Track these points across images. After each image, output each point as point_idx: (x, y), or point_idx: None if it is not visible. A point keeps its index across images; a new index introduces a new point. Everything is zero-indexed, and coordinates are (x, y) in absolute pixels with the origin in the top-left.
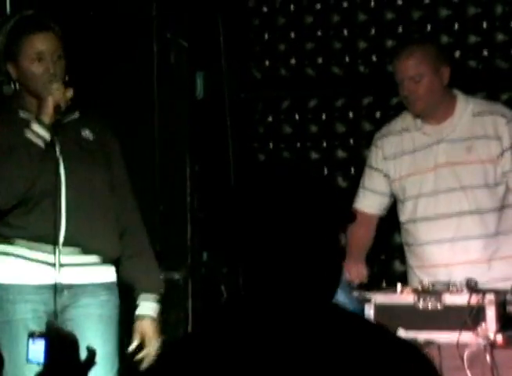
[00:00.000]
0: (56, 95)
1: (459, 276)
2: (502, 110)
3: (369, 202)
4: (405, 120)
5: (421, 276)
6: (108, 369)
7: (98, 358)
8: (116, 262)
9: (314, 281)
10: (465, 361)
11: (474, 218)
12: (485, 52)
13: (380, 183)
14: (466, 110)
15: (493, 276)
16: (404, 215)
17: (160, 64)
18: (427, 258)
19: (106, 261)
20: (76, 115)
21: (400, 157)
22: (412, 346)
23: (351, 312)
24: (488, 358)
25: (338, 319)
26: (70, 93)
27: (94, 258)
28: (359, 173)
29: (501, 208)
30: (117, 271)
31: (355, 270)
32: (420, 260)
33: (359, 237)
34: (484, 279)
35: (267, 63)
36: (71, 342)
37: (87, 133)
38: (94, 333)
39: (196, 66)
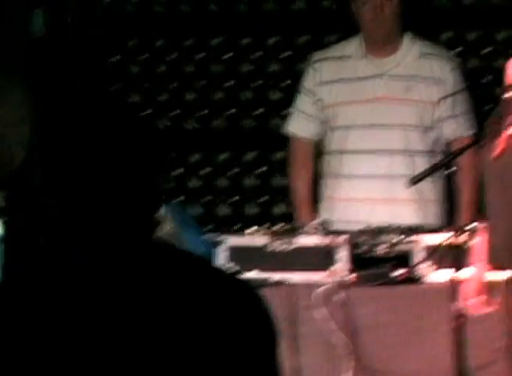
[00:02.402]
0: None
1: (381, 213)
2: (450, 56)
3: (302, 125)
4: (349, 46)
5: (340, 208)
6: None
7: None
8: None
9: (133, 218)
10: (318, 299)
11: (404, 158)
12: None
13: (311, 107)
14: (411, 49)
15: (416, 217)
16: (331, 144)
17: None
18: (348, 192)
19: None
20: None
21: (337, 83)
22: (244, 285)
23: (178, 250)
24: (339, 297)
25: (162, 257)
26: None
27: None
28: None
29: (431, 153)
30: None
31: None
32: (339, 193)
33: (301, 175)
34: (408, 219)
35: None
36: None
37: None
38: None
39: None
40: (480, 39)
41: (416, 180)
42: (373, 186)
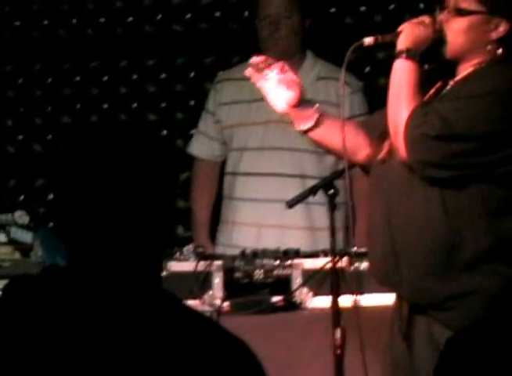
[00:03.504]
0: None
1: (269, 238)
2: (349, 79)
3: (204, 146)
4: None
5: (232, 232)
6: None
7: None
8: None
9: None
10: None
11: (297, 183)
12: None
13: (212, 128)
14: (311, 71)
15: (306, 245)
16: (227, 166)
17: None
18: (239, 216)
19: None
20: None
21: (235, 104)
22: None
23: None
24: None
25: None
26: None
27: None
28: None
29: None
30: None
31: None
32: (232, 215)
33: (202, 196)
34: (298, 246)
35: None
36: None
37: None
38: None
39: None
40: (387, 58)
41: (291, 203)
42: (263, 211)
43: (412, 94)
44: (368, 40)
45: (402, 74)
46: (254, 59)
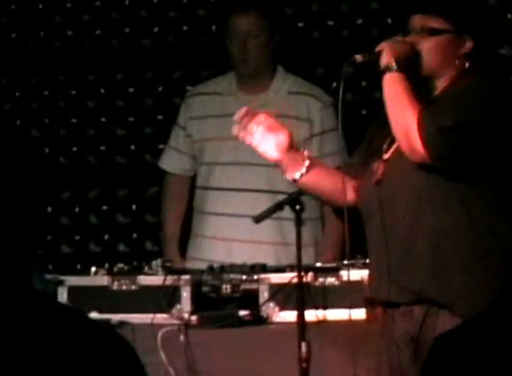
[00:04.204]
0: None
1: (239, 253)
2: (320, 94)
3: (174, 161)
4: (221, 83)
5: (202, 246)
6: None
7: None
8: None
9: (6, 261)
10: (158, 342)
11: (268, 198)
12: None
13: (183, 142)
14: (283, 86)
15: (277, 260)
16: (198, 180)
17: None
18: (210, 230)
19: None
20: None
21: (205, 119)
22: (105, 327)
23: (44, 295)
24: (182, 339)
25: (30, 301)
26: None
27: None
28: None
29: None
30: None
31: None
32: (203, 230)
33: (172, 211)
34: (269, 262)
35: None
36: None
37: None
38: None
39: None
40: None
41: (258, 219)
42: (234, 226)
43: (412, 99)
44: (358, 57)
45: (396, 85)
46: (237, 116)
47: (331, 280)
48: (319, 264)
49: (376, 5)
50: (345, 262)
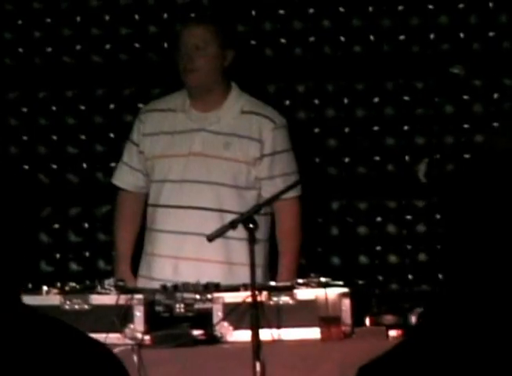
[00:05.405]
0: None
1: (185, 271)
2: (273, 115)
3: (127, 178)
4: (175, 100)
5: (151, 264)
6: None
7: None
8: None
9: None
10: None
11: (214, 217)
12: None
13: (136, 159)
14: (236, 105)
15: (224, 279)
16: (150, 197)
17: None
18: (158, 247)
19: None
20: None
21: (157, 135)
22: (93, 341)
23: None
24: (135, 358)
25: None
26: None
27: None
28: None
29: None
30: None
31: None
32: (152, 247)
33: (124, 228)
34: (214, 279)
35: None
36: None
37: None
38: None
39: None
40: (308, 91)
41: (212, 237)
42: (181, 243)
43: None
44: None
45: None
46: None
47: (285, 299)
48: (272, 283)
49: (328, 24)
50: (299, 280)
